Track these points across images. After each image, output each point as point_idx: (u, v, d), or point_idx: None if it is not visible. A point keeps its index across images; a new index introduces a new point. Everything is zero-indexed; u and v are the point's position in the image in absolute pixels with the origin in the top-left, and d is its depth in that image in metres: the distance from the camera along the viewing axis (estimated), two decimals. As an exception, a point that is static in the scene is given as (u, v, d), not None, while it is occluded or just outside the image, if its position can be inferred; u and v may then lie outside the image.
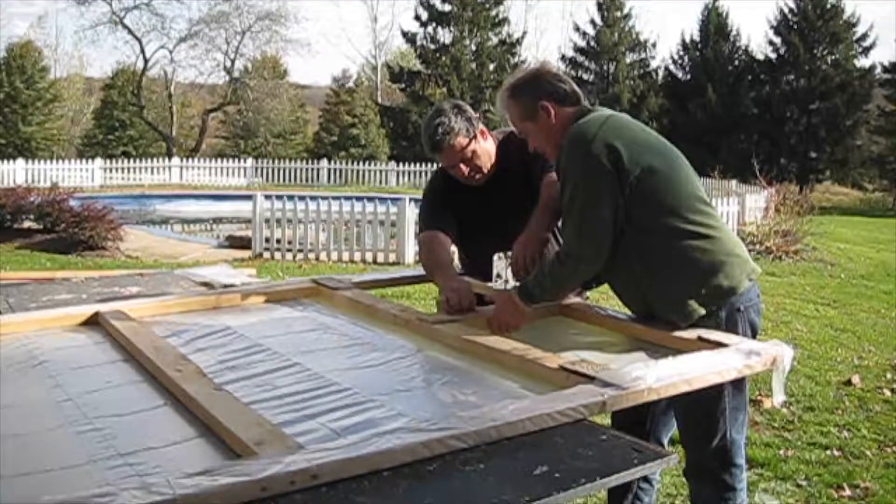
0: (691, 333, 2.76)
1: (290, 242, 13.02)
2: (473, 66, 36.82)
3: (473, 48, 37.14)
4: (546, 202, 3.16)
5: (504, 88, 3.04)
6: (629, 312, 3.06)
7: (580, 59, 40.32)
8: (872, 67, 38.76)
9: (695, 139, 35.02)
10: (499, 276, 3.10)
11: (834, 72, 37.71)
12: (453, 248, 3.48)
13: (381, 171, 30.06)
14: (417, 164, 29.09)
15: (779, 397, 2.58)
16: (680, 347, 2.71)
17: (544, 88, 2.95)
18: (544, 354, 2.52)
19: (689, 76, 39.53)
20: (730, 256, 2.82)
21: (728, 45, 39.41)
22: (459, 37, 36.92)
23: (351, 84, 40.82)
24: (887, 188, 39.29)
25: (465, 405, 2.23)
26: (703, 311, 2.79)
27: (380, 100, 43.01)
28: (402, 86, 38.84)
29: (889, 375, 6.76)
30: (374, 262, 12.94)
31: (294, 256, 12.89)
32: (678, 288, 2.80)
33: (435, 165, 4.71)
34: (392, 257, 12.97)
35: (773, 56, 39.22)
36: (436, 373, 2.54)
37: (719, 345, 2.64)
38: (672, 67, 40.27)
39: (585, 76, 39.88)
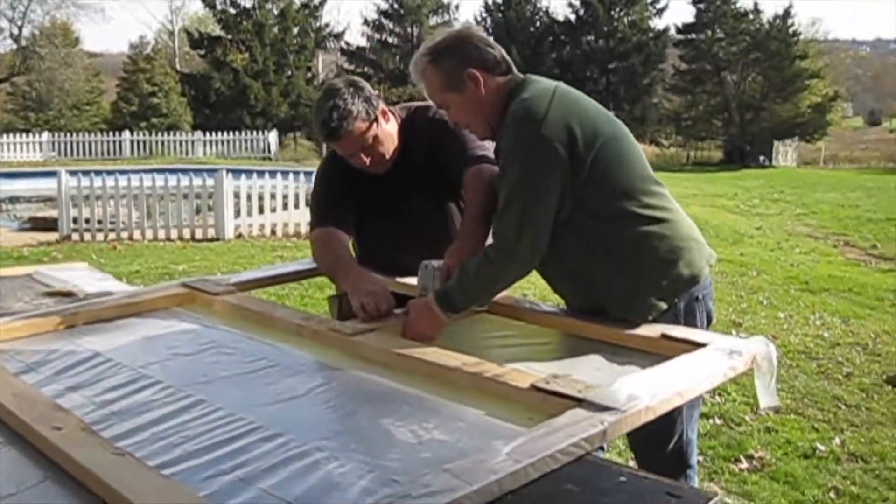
0: (651, 330, 2.43)
1: (99, 222, 12.01)
2: (276, 30, 35.72)
3: (276, 12, 36.00)
4: (476, 209, 2.72)
5: (421, 53, 2.57)
6: (562, 306, 2.71)
7: (384, 21, 39.93)
8: (667, 29, 40.48)
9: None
10: (425, 289, 2.64)
11: (631, 32, 39.07)
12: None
13: (186, 142, 28.92)
14: (224, 133, 28.05)
15: (766, 400, 2.27)
16: (645, 348, 2.39)
17: (471, 54, 2.50)
18: (503, 370, 2.10)
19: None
20: (688, 241, 2.50)
21: (530, 7, 40.01)
22: (262, 0, 35.72)
23: (149, 51, 38.68)
24: (681, 144, 41.22)
25: (437, 447, 1.79)
26: (664, 306, 2.48)
27: (179, 67, 41.18)
28: (202, 52, 37.37)
29: (734, 332, 6.80)
30: (193, 238, 12.20)
31: (105, 237, 11.92)
32: (635, 281, 2.46)
33: (259, 136, 4.12)
34: (211, 233, 12.24)
35: (572, 17, 40.16)
36: (377, 401, 2.07)
37: (692, 344, 2.31)
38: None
39: (390, 39, 39.58)
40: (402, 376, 2.19)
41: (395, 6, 39.45)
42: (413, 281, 2.75)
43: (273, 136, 30.37)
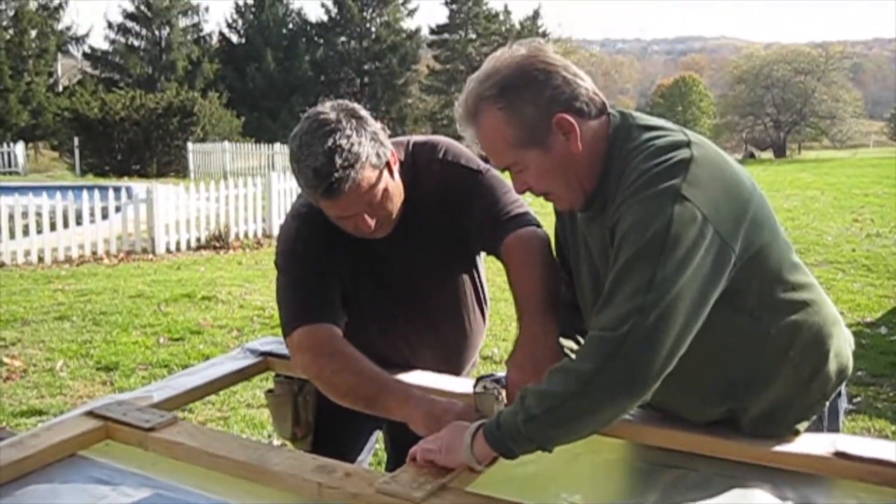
0: (813, 444, 1.77)
1: None
2: (12, 33, 32.67)
3: (11, 13, 32.88)
4: (538, 291, 1.97)
5: (477, 91, 1.71)
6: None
7: (130, 24, 37.57)
8: (419, 29, 40.89)
9: (254, 105, 34.57)
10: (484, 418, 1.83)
11: (385, 32, 39.08)
12: None
13: None
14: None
15: None
16: (819, 472, 1.73)
17: (559, 92, 1.69)
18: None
19: (244, 40, 38.68)
20: (836, 325, 1.84)
21: (282, 8, 39.09)
22: (-6, 2, 32.67)
23: None
24: (439, 144, 41.89)
25: None
26: (814, 416, 1.82)
27: None
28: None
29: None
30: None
31: None
32: (783, 386, 1.78)
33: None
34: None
35: (325, 18, 39.68)
36: None
37: (888, 464, 1.68)
38: (227, 31, 39.20)
39: (136, 42, 37.34)
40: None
41: (142, 8, 37.14)
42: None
43: (20, 147, 27.38)
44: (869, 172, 23.37)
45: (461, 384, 2.11)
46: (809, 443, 1.78)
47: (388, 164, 1.98)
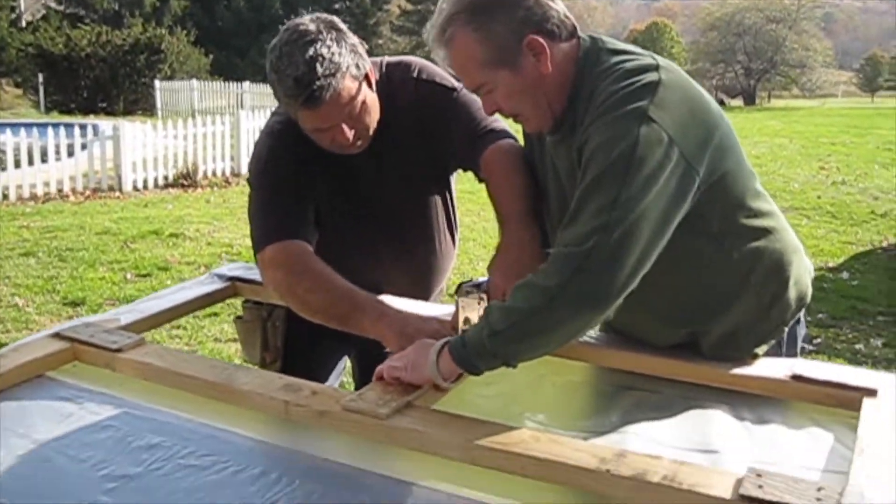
0: (771, 368, 1.82)
1: None
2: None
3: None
4: (517, 200, 1.96)
5: (449, 12, 1.70)
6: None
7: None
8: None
9: (223, 43, 34.06)
10: (467, 321, 1.85)
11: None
12: None
13: None
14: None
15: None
16: (777, 394, 1.78)
17: (530, 13, 1.68)
18: (665, 466, 1.40)
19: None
20: (796, 254, 1.87)
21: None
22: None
23: None
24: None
25: None
26: (773, 340, 1.88)
27: None
28: None
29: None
30: None
31: None
32: (742, 312, 1.82)
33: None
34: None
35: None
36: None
37: (844, 388, 1.72)
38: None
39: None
40: (511, 491, 1.43)
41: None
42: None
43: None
44: (837, 122, 23.50)
45: (430, 309, 2.12)
46: (768, 366, 1.82)
47: (367, 77, 1.98)
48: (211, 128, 12.45)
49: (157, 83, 24.65)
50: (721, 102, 42.05)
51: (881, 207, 10.15)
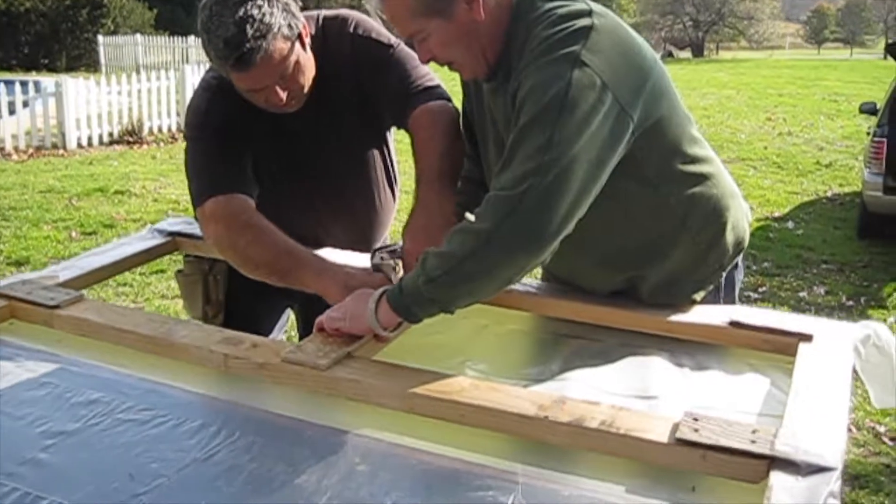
0: (708, 315, 1.84)
1: None
2: None
3: None
4: (436, 163, 1.95)
5: None
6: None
7: None
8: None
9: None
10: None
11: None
12: None
13: None
14: None
15: (886, 400, 1.76)
16: (715, 341, 1.80)
17: None
18: (603, 411, 1.42)
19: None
20: (733, 198, 1.89)
21: None
22: None
23: None
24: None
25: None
26: (710, 286, 1.90)
27: None
28: None
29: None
30: None
31: None
32: (681, 258, 1.83)
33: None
34: None
35: None
36: (439, 487, 1.34)
37: (781, 333, 1.75)
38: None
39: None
40: (451, 439, 1.44)
41: None
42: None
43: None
44: (784, 73, 23.76)
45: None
46: (706, 313, 1.84)
47: (300, 36, 1.94)
48: (156, 83, 12.25)
49: (100, 38, 24.11)
50: (670, 54, 42.30)
51: (826, 158, 10.31)
